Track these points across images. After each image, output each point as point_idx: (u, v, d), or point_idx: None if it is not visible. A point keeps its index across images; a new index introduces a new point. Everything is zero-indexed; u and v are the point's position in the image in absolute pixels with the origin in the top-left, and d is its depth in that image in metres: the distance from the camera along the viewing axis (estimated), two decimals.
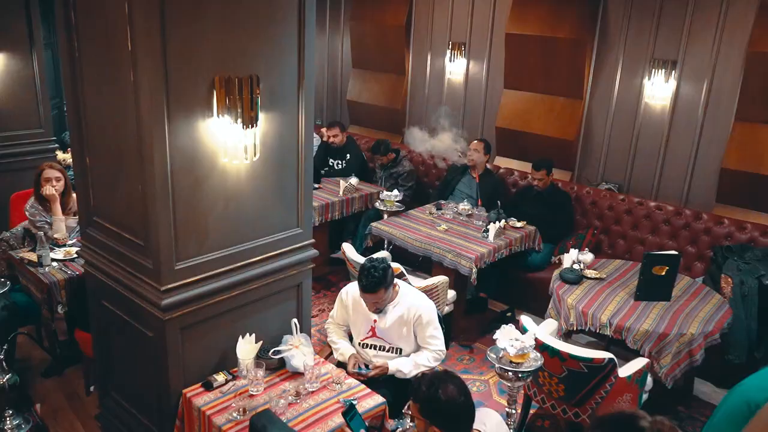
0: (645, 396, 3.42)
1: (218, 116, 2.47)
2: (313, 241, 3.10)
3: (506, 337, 2.75)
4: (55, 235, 4.08)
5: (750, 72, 4.46)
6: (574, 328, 3.75)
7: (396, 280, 3.17)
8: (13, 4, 4.59)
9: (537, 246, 4.88)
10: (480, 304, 5.08)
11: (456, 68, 6.26)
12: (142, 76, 2.29)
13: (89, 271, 2.95)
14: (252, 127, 2.52)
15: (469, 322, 4.80)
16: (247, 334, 2.80)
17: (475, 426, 2.06)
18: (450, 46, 6.20)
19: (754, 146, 4.50)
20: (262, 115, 2.59)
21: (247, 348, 2.78)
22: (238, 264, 2.77)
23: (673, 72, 4.85)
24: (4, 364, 3.46)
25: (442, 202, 5.26)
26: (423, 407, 1.98)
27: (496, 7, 5.87)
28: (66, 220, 4.27)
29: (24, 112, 4.82)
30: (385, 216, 5.03)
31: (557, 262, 4.98)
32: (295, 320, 2.94)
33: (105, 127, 2.64)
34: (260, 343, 2.80)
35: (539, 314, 4.22)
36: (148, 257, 2.54)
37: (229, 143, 2.53)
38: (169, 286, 2.51)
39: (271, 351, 2.85)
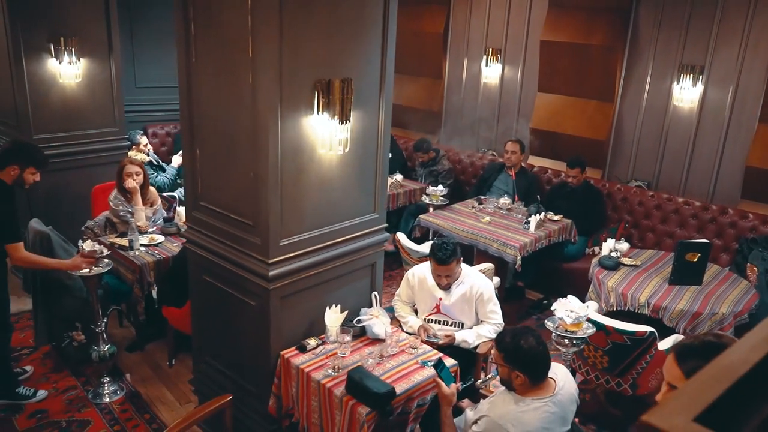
0: None
1: (318, 113, 2.88)
2: (386, 225, 3.50)
3: (563, 308, 3.13)
4: (138, 223, 4.50)
5: None
6: (614, 309, 4.11)
7: None
8: (94, 15, 5.02)
9: (573, 238, 5.25)
10: (518, 292, 5.45)
11: (491, 73, 6.66)
12: (260, 78, 2.70)
13: (192, 250, 3.35)
14: (346, 123, 2.92)
15: (508, 309, 5.15)
16: (333, 305, 3.20)
17: (549, 375, 2.44)
18: (486, 52, 6.59)
19: None
20: (351, 113, 2.99)
21: (333, 317, 3.17)
22: (327, 243, 3.17)
23: (701, 77, 5.21)
24: (104, 335, 3.89)
25: (483, 197, 5.65)
26: (507, 355, 2.36)
27: (531, 16, 6.26)
28: (144, 210, 4.70)
29: (100, 113, 5.25)
30: (431, 209, 5.42)
31: (591, 253, 5.35)
32: (375, 293, 3.34)
33: (216, 123, 3.05)
34: (345, 312, 3.20)
35: None
36: (256, 235, 2.94)
37: (326, 137, 2.93)
38: (275, 259, 2.91)
39: (355, 320, 3.24)
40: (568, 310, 3.13)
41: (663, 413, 0.53)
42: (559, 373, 2.49)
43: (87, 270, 3.63)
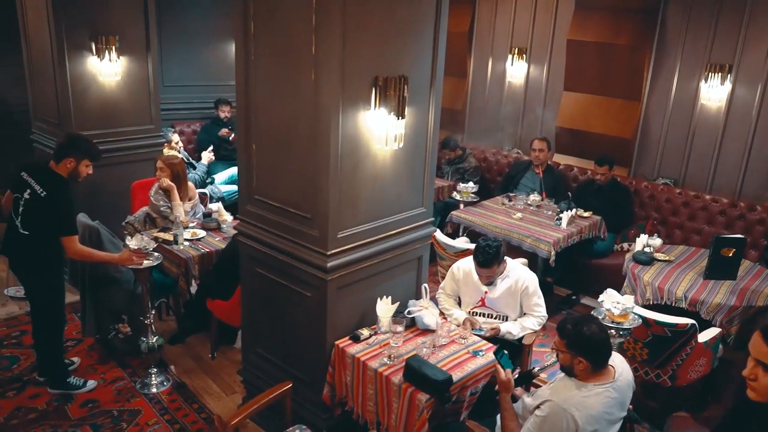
0: (715, 363, 3.86)
1: (375, 109, 2.96)
2: (432, 219, 3.58)
3: (610, 300, 3.21)
4: (180, 218, 4.59)
5: None
6: (650, 303, 4.19)
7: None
8: (134, 14, 5.12)
9: (602, 234, 5.32)
10: (546, 288, 5.50)
11: (516, 72, 6.74)
12: (323, 75, 2.78)
13: (245, 242, 3.44)
14: (401, 118, 3.01)
15: None
16: (384, 296, 3.28)
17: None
18: (511, 51, 6.67)
19: None
20: (405, 109, 3.07)
21: (385, 308, 3.26)
22: (378, 236, 3.25)
23: (729, 75, 5.28)
24: (153, 327, 3.99)
25: (512, 194, 5.72)
26: (570, 342, 2.44)
27: (557, 15, 6.34)
28: (182, 205, 4.79)
29: (138, 110, 5.34)
30: (461, 206, 5.51)
31: (620, 249, 5.43)
32: (425, 285, 3.42)
33: (273, 119, 3.13)
34: (397, 303, 3.28)
35: None
36: (314, 227, 3.03)
37: (381, 132, 3.01)
38: (334, 251, 3.00)
39: (406, 311, 3.32)
40: (615, 301, 3.21)
41: None
42: (616, 360, 2.57)
43: (139, 263, 3.71)
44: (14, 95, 6.26)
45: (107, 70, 5.04)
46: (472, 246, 4.27)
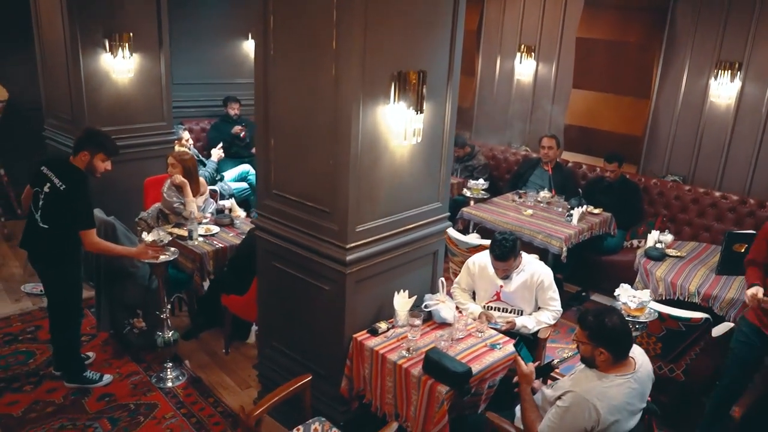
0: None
1: (394, 103, 2.98)
2: (448, 214, 3.61)
3: (626, 294, 3.23)
4: (195, 214, 4.62)
5: None
6: (662, 298, 4.21)
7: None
8: (147, 11, 5.15)
9: (612, 231, 5.34)
10: (556, 284, 5.52)
11: (525, 69, 6.76)
12: (344, 69, 2.81)
13: (263, 237, 3.46)
14: (420, 113, 3.03)
15: None
16: (401, 290, 3.31)
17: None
18: (520, 49, 6.70)
19: None
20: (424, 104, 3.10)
21: (402, 302, 3.28)
22: (396, 230, 3.28)
23: (739, 73, 5.30)
24: (168, 322, 4.01)
25: (521, 191, 5.75)
26: (591, 333, 2.46)
27: (566, 13, 6.36)
28: (195, 200, 4.81)
29: (150, 107, 5.37)
30: (471, 203, 5.53)
31: (629, 246, 5.45)
32: (442, 279, 3.45)
33: (292, 113, 3.15)
34: (414, 297, 3.31)
35: (611, 294, 4.68)
36: (333, 221, 3.05)
37: (400, 127, 3.03)
38: (353, 244, 3.02)
39: (423, 305, 3.35)
40: (631, 295, 3.23)
41: None
42: (636, 351, 2.59)
43: (155, 258, 3.74)
44: (26, 92, 6.29)
45: (120, 67, 5.06)
46: (484, 242, 4.31)
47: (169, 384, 3.99)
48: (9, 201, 6.38)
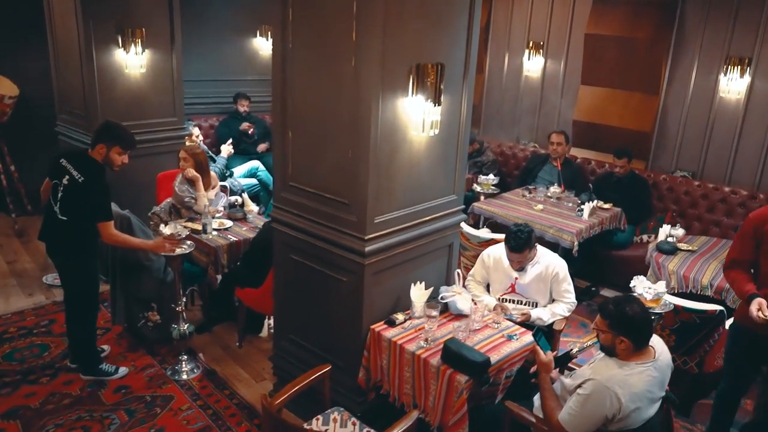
0: None
1: (413, 95, 3.00)
2: (463, 206, 3.63)
3: (642, 285, 3.26)
4: (209, 208, 4.64)
5: None
6: (674, 291, 4.23)
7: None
8: (159, 8, 5.17)
9: (623, 226, 5.36)
10: None
11: (533, 66, 6.78)
12: (363, 61, 2.83)
13: (280, 229, 3.48)
14: (438, 105, 3.05)
15: None
16: (418, 281, 3.33)
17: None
18: (528, 46, 6.72)
19: None
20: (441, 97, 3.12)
21: (419, 293, 3.30)
22: (413, 222, 3.30)
23: (749, 68, 5.32)
24: (184, 314, 4.04)
25: (531, 186, 5.77)
26: (612, 322, 2.48)
27: (574, 9, 6.38)
28: (207, 194, 4.84)
29: (162, 103, 5.39)
30: (482, 198, 5.56)
31: (639, 241, 5.47)
32: (458, 270, 3.47)
33: (310, 106, 3.17)
34: (431, 289, 3.33)
35: (621, 289, 4.71)
36: (352, 213, 3.07)
37: (418, 119, 3.06)
38: (371, 235, 3.05)
39: (439, 296, 3.37)
40: (647, 286, 3.26)
41: None
42: (655, 340, 2.61)
43: (172, 251, 3.76)
44: (37, 89, 6.31)
45: (133, 62, 5.08)
46: (496, 236, 4.32)
47: (184, 376, 4.01)
48: (20, 197, 6.40)
